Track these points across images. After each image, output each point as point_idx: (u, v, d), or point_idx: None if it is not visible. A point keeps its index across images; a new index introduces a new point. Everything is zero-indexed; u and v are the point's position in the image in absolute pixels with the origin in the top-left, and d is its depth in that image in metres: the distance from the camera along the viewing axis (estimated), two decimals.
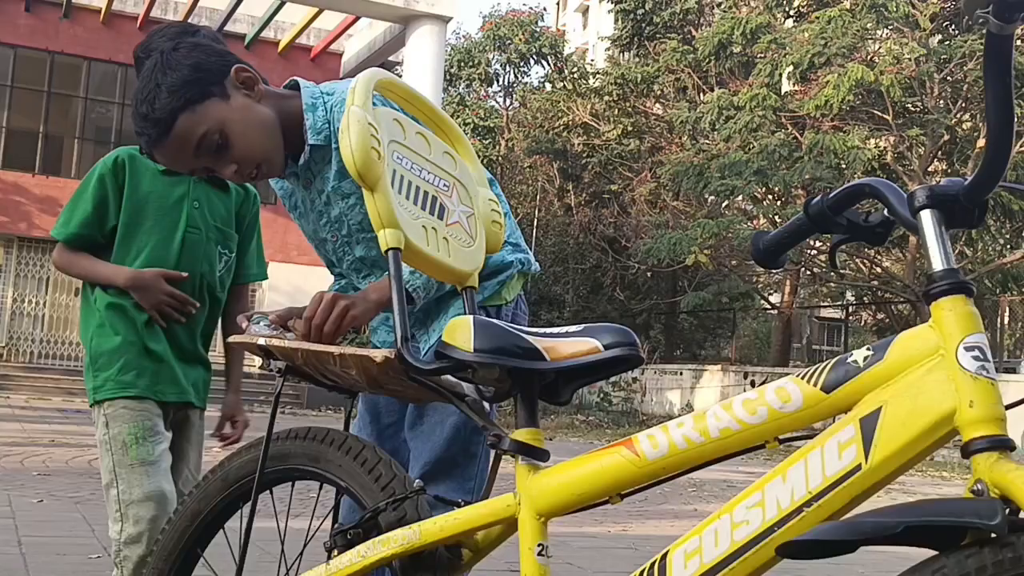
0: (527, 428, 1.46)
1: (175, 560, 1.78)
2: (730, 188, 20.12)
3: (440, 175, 1.79)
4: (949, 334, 1.13)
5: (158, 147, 1.96)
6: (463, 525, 1.47)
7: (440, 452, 1.99)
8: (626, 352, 1.42)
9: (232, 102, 1.95)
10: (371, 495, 1.60)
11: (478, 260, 1.84)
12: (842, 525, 1.04)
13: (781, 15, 24.03)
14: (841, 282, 24.00)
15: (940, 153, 21.34)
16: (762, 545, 1.15)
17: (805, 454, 1.16)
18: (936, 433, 1.11)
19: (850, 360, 1.19)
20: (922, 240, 1.20)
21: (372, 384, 1.69)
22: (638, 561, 1.29)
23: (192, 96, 1.92)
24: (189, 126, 1.91)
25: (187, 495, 1.81)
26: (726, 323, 27.86)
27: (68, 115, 22.19)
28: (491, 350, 1.41)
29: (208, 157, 1.96)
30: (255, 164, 1.98)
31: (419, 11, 18.08)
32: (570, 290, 27.23)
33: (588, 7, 52.49)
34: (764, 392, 1.22)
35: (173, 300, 2.50)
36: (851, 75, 18.67)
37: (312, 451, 1.68)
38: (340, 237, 2.12)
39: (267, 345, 1.74)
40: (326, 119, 2.01)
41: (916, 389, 1.12)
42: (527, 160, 28.44)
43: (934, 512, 1.01)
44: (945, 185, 1.22)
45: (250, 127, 1.96)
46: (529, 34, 29.98)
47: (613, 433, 17.29)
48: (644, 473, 1.29)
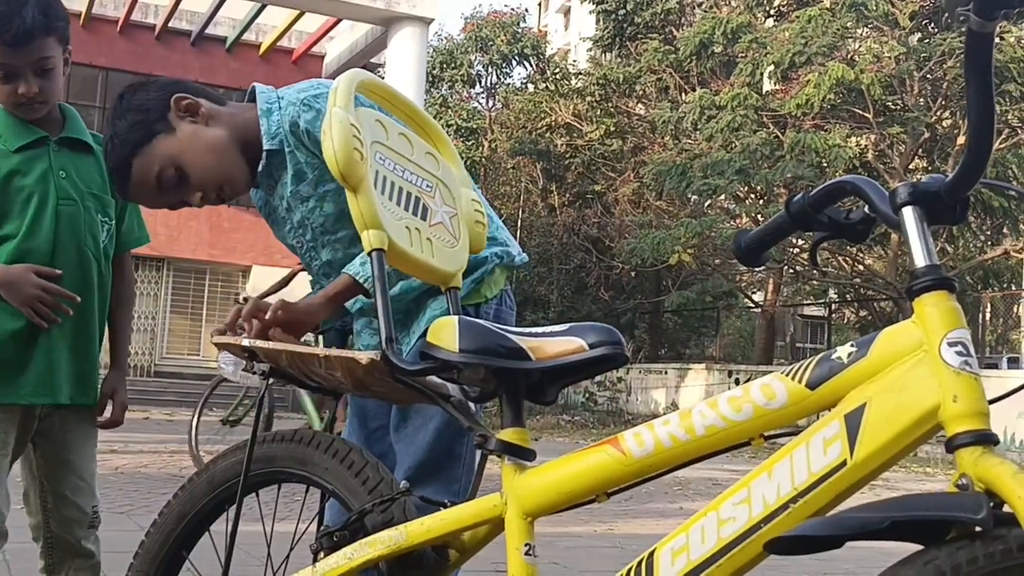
0: (513, 428, 1.46)
1: (160, 562, 1.77)
2: (712, 187, 20.15)
3: (423, 176, 1.79)
4: (932, 330, 1.14)
5: (129, 194, 2.03)
6: (449, 526, 1.47)
7: (423, 455, 1.99)
8: (611, 351, 1.42)
9: (179, 133, 1.99)
10: (357, 497, 1.60)
11: (462, 260, 1.84)
12: (829, 521, 1.05)
13: (762, 15, 24.10)
14: (824, 280, 24.09)
15: (921, 151, 21.45)
16: (749, 542, 1.16)
17: (790, 451, 1.16)
18: (920, 428, 1.11)
19: (834, 357, 1.20)
20: (904, 236, 1.20)
21: (357, 386, 1.69)
22: (625, 560, 1.29)
23: (138, 139, 1.97)
24: (143, 169, 1.97)
25: (172, 497, 1.80)
26: (710, 322, 27.93)
27: None
28: (476, 350, 1.41)
29: (173, 191, 2.01)
30: (217, 186, 2.02)
31: (400, 13, 18.04)
32: (554, 290, 27.23)
33: (570, 8, 52.51)
34: (749, 389, 1.23)
35: (47, 296, 2.23)
36: (832, 74, 18.75)
37: (298, 454, 1.68)
38: (305, 243, 2.14)
39: (251, 346, 1.73)
40: (279, 124, 2.03)
41: (900, 385, 1.13)
42: (510, 161, 28.43)
43: (920, 507, 1.02)
44: (927, 182, 1.23)
45: (201, 153, 1.99)
46: (511, 35, 29.98)
47: (599, 433, 17.30)
48: (630, 471, 1.30)
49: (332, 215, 2.06)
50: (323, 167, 2.03)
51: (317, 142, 1.98)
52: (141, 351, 21.93)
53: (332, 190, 2.05)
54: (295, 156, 2.03)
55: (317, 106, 2.01)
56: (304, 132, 2.00)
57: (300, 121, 2.00)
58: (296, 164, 2.04)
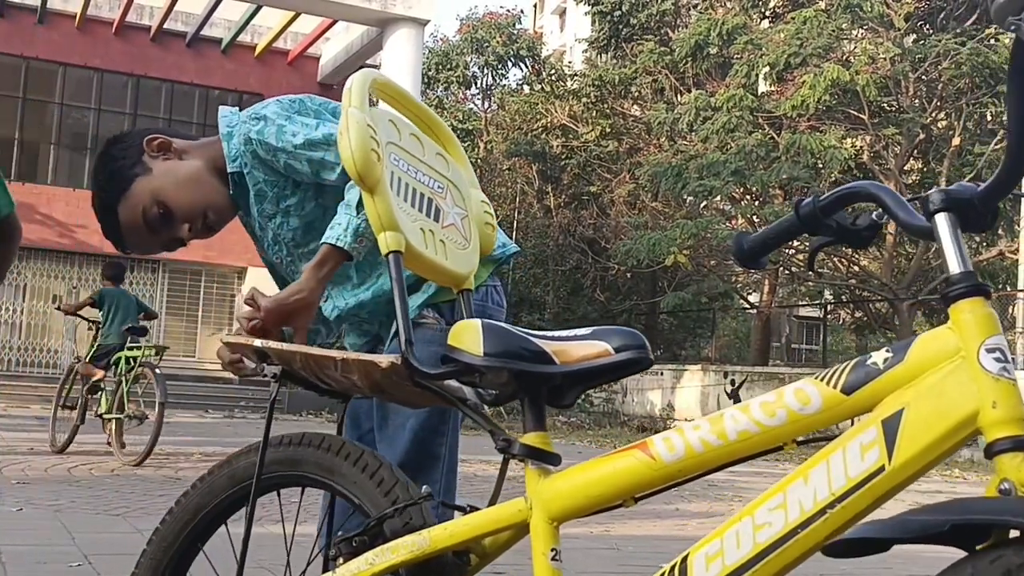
0: (536, 432, 1.45)
1: (174, 552, 1.75)
2: (708, 188, 20.18)
3: (434, 177, 1.78)
4: (970, 336, 1.14)
5: (125, 242, 2.11)
6: (474, 531, 1.45)
7: (402, 456, 1.99)
8: (637, 355, 1.41)
9: (155, 172, 2.07)
10: (375, 502, 1.58)
11: (473, 262, 1.83)
12: (889, 523, 1.04)
13: (757, 16, 24.14)
14: (819, 281, 24.13)
15: (916, 152, 21.50)
16: (785, 547, 1.15)
17: (827, 456, 1.16)
18: (959, 434, 1.11)
19: (869, 362, 1.19)
20: (938, 243, 1.20)
21: (373, 389, 1.67)
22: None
23: (119, 186, 2.06)
24: (129, 212, 2.06)
25: (190, 487, 1.77)
26: (706, 323, 27.94)
27: (43, 121, 22.00)
28: (500, 353, 1.40)
29: (162, 228, 2.08)
30: (200, 214, 2.08)
31: (396, 14, 18.04)
32: (550, 292, 27.23)
33: (565, 9, 52.54)
34: (782, 394, 1.22)
35: None
36: (827, 75, 18.78)
37: (321, 460, 1.65)
38: (284, 258, 2.18)
39: (264, 348, 1.71)
40: (239, 145, 2.07)
41: (938, 390, 1.13)
42: (506, 162, 28.42)
43: (975, 511, 1.02)
44: (959, 189, 1.22)
45: (179, 185, 2.06)
46: (507, 37, 29.99)
47: (594, 434, 17.30)
48: (660, 476, 1.29)
49: (299, 228, 2.10)
50: (281, 183, 2.07)
51: (270, 149, 2.01)
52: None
53: (293, 204, 2.08)
54: (254, 176, 2.07)
55: (263, 113, 2.04)
56: (258, 143, 2.03)
57: (251, 134, 2.03)
58: (256, 184, 2.08)
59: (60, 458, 8.39)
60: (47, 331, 20.84)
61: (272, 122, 2.01)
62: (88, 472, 7.60)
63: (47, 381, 19.47)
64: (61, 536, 4.81)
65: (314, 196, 2.07)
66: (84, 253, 21.11)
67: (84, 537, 4.76)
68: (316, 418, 17.55)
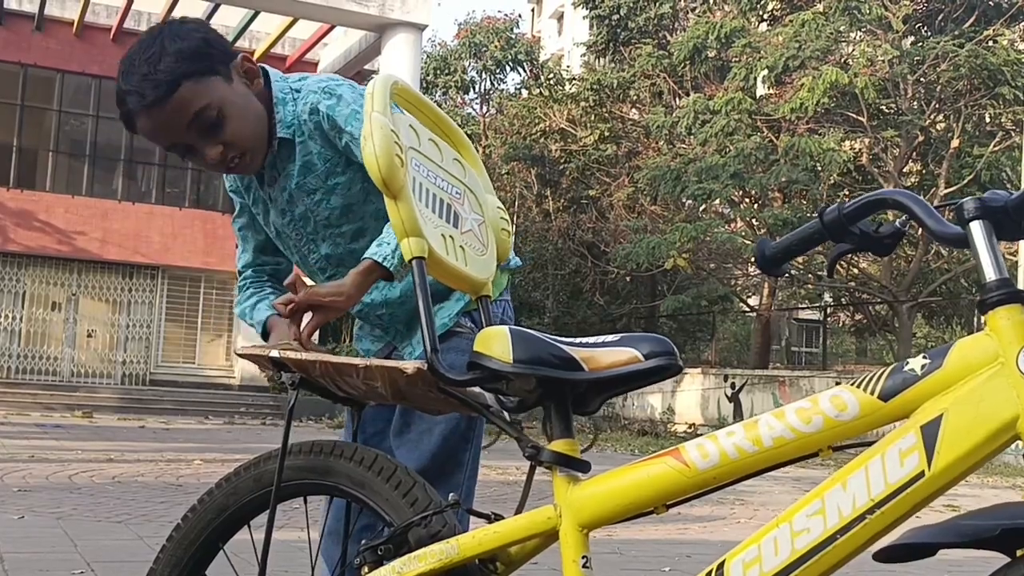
0: (563, 439, 1.44)
1: (196, 550, 1.74)
2: (707, 192, 20.19)
3: (452, 182, 1.77)
4: (1008, 342, 1.14)
5: (150, 110, 1.91)
6: (502, 539, 1.45)
7: (428, 461, 1.98)
8: (666, 362, 1.41)
9: (234, 86, 1.98)
10: (398, 510, 1.57)
11: (491, 268, 1.82)
12: (943, 528, 1.06)
13: (755, 19, 24.15)
14: (819, 284, 24.14)
15: (915, 154, 21.52)
16: (824, 553, 1.15)
17: (865, 462, 1.16)
18: (999, 439, 1.12)
19: (906, 368, 1.19)
20: (973, 251, 1.20)
21: (396, 395, 1.67)
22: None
23: (199, 68, 1.92)
24: (190, 96, 1.90)
25: (215, 487, 1.76)
26: (706, 326, 27.94)
27: (42, 128, 21.98)
28: (531, 360, 1.39)
29: (197, 133, 1.95)
30: (242, 151, 1.99)
31: (394, 19, 18.05)
32: (550, 296, 27.23)
33: (563, 13, 52.56)
34: (818, 401, 1.22)
35: None
36: (825, 78, 18.80)
37: (352, 472, 1.64)
38: (305, 235, 2.12)
39: (281, 357, 1.70)
40: (295, 114, 2.03)
41: (978, 396, 1.13)
42: (505, 167, 28.42)
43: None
44: (991, 197, 1.22)
45: (247, 114, 1.98)
46: (504, 41, 29.97)
47: (594, 437, 17.27)
48: (693, 483, 1.28)
49: (339, 208, 2.07)
50: (335, 159, 2.04)
51: (336, 128, 1.99)
52: (136, 359, 21.87)
53: (342, 183, 2.05)
54: (306, 146, 2.03)
55: (339, 92, 2.01)
56: (325, 117, 2.00)
57: (321, 106, 2.00)
58: (306, 155, 2.04)
59: (61, 465, 8.38)
60: (47, 338, 20.83)
61: (348, 104, 1.99)
62: (89, 479, 7.59)
63: (47, 388, 19.48)
64: (63, 543, 4.80)
65: (362, 179, 2.03)
66: (83, 260, 21.11)
67: (86, 544, 4.76)
68: (316, 423, 17.56)
